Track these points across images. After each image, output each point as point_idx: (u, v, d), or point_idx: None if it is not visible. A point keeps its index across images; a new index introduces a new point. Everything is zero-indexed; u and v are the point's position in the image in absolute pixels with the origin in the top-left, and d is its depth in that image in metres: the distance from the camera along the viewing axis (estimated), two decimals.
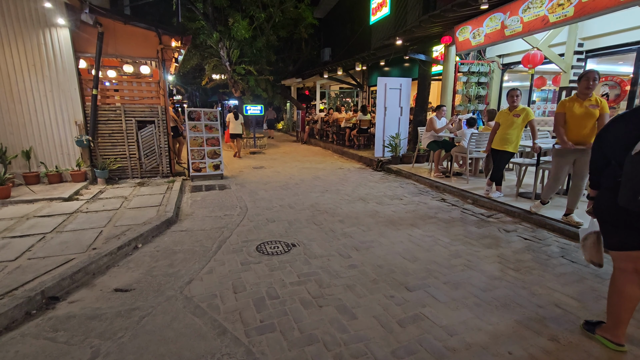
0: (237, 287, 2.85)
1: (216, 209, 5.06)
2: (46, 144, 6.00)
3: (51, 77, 5.82)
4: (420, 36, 8.13)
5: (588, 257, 2.36)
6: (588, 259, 2.36)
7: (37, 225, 4.01)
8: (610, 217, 2.04)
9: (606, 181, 2.05)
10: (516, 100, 4.88)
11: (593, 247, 2.30)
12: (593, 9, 4.40)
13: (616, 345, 2.09)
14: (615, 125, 2.01)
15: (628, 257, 2.03)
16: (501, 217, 4.64)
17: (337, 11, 18.53)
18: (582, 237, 2.39)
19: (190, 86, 26.57)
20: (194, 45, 13.66)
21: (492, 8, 5.92)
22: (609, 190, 2.02)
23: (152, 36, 6.49)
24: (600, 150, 2.08)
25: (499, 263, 3.28)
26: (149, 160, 6.83)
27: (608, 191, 2.02)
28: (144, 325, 2.35)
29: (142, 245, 3.69)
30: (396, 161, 8.29)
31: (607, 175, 2.05)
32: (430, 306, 2.57)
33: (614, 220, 2.02)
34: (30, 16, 5.56)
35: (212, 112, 7.09)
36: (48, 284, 2.65)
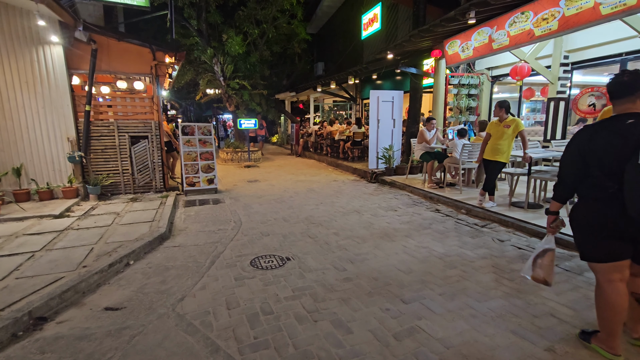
0: (231, 303, 2.80)
1: (210, 223, 5.01)
2: (37, 161, 5.94)
3: (43, 94, 5.82)
4: (410, 50, 8.31)
5: (542, 276, 2.27)
6: (541, 278, 2.28)
7: (26, 244, 3.93)
8: (600, 230, 2.00)
9: (592, 193, 2.02)
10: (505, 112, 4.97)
11: (550, 266, 2.25)
12: (576, 22, 4.55)
13: (613, 356, 2.07)
14: (611, 135, 1.93)
15: (616, 268, 2.01)
16: (495, 227, 4.66)
17: (330, 27, 18.92)
18: (537, 254, 2.31)
19: (185, 101, 26.70)
20: (188, 61, 13.78)
21: (480, 23, 6.09)
22: (597, 201, 1.99)
23: (146, 52, 6.54)
24: (578, 163, 2.04)
25: (493, 273, 3.28)
26: (142, 176, 6.79)
27: (597, 202, 1.99)
28: (134, 345, 2.29)
29: (134, 262, 3.63)
30: (390, 173, 8.33)
31: (591, 187, 2.02)
32: (426, 318, 2.55)
33: (604, 232, 1.98)
34: (24, 34, 5.59)
35: (206, 127, 7.10)
36: (36, 304, 2.59)
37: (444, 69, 7.97)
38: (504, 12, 5.59)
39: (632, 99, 1.94)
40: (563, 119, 6.80)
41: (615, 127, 1.93)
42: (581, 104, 6.98)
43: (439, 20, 6.05)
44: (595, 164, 1.98)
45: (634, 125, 1.87)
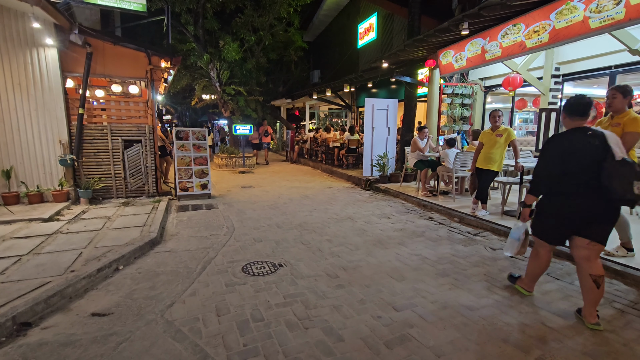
0: (221, 309, 2.77)
1: (202, 228, 4.97)
2: (28, 164, 5.87)
3: (36, 96, 5.77)
4: (405, 59, 8.41)
5: (521, 251, 3.05)
6: (517, 252, 3.05)
7: (13, 247, 3.85)
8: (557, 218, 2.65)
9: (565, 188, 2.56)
10: (498, 121, 5.03)
11: (525, 243, 3.03)
12: (566, 35, 4.65)
13: (528, 292, 3.00)
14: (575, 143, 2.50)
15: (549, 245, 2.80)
16: (487, 235, 4.68)
17: (326, 35, 19.12)
18: (518, 236, 3.03)
19: (181, 106, 26.65)
20: (184, 66, 13.79)
21: (473, 34, 6.19)
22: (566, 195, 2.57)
23: (142, 57, 6.54)
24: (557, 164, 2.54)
25: (485, 281, 3.28)
26: (134, 180, 6.73)
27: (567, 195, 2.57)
28: (120, 352, 2.24)
29: (123, 267, 3.58)
30: (384, 180, 8.36)
31: (566, 184, 2.55)
32: (417, 326, 2.53)
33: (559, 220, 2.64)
34: (18, 36, 5.56)
35: (201, 132, 7.08)
36: (20, 309, 2.53)
37: (438, 78, 8.08)
38: (497, 23, 5.70)
39: (585, 118, 2.57)
40: (554, 129, 6.90)
41: (582, 137, 2.50)
42: None
43: (433, 30, 6.15)
44: (576, 163, 2.48)
45: (592, 135, 2.47)
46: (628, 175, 2.31)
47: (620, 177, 2.32)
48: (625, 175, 2.31)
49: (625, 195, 2.32)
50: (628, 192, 2.30)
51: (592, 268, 2.54)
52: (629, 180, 2.30)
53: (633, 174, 2.30)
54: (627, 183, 2.30)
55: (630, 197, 2.31)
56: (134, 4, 7.19)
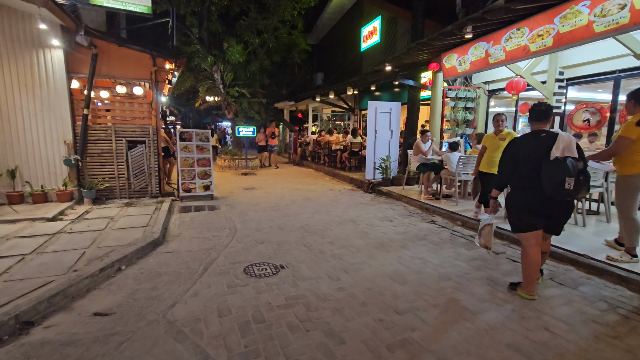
0: (222, 310, 2.77)
1: (204, 230, 4.98)
2: (33, 163, 5.91)
3: (42, 97, 5.82)
4: (409, 63, 8.42)
5: (483, 243, 3.24)
6: (483, 244, 3.24)
7: (17, 246, 3.88)
8: (524, 209, 2.90)
9: (521, 183, 2.90)
10: (501, 125, 5.02)
11: (489, 235, 3.20)
12: (570, 39, 4.64)
13: (531, 297, 2.98)
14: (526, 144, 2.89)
15: (532, 236, 2.91)
16: None
17: (330, 38, 19.19)
18: (480, 227, 3.25)
19: (184, 107, 26.78)
20: (188, 68, 13.89)
21: (477, 37, 6.19)
22: (524, 189, 2.88)
23: (146, 58, 6.59)
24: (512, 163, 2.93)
25: (488, 285, 3.26)
26: (138, 181, 6.76)
27: (524, 190, 2.89)
28: (122, 352, 2.24)
29: (125, 267, 3.59)
30: (387, 183, 8.35)
31: (521, 179, 2.90)
32: (419, 330, 2.52)
33: (526, 211, 2.89)
34: (25, 37, 5.62)
35: (204, 133, 7.11)
36: (23, 308, 2.54)
37: (442, 81, 8.07)
38: (500, 27, 5.70)
39: (545, 122, 2.93)
40: None
41: (535, 138, 2.86)
42: (576, 120, 7.06)
43: (437, 34, 6.15)
44: (524, 162, 2.85)
45: (545, 137, 2.79)
46: (558, 173, 2.60)
47: (548, 175, 2.65)
48: (554, 173, 2.62)
49: (554, 191, 2.64)
50: (558, 188, 2.60)
51: (544, 246, 3.05)
52: (559, 177, 2.59)
53: (563, 172, 2.58)
54: (557, 180, 2.60)
55: (560, 192, 2.61)
56: (140, 6, 7.27)
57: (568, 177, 2.57)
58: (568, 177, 2.57)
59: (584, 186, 2.63)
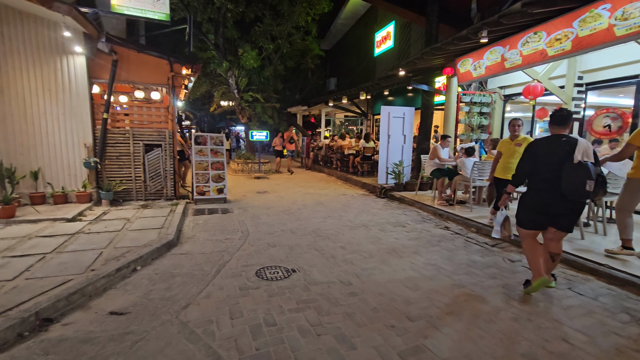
0: (234, 312, 2.79)
1: (217, 232, 5.04)
2: (54, 165, 6.11)
3: (64, 101, 6.03)
4: (422, 67, 8.37)
5: (507, 235, 3.57)
6: (507, 235, 3.59)
7: (38, 245, 4.01)
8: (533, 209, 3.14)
9: (536, 183, 3.10)
10: (518, 130, 4.94)
11: (509, 227, 3.55)
12: (590, 43, 4.54)
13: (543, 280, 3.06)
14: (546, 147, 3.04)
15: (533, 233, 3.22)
16: (506, 247, 4.56)
17: (343, 44, 19.28)
18: (502, 221, 3.54)
19: (199, 112, 27.24)
20: (204, 74, 14.16)
21: (492, 42, 6.12)
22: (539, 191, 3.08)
23: (164, 64, 6.76)
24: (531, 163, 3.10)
25: (503, 294, 3.19)
26: (153, 183, 6.91)
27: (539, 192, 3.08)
28: (136, 351, 2.28)
29: (141, 268, 3.66)
30: (399, 188, 8.28)
31: (538, 181, 3.08)
32: (432, 337, 2.48)
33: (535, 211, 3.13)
34: (50, 44, 5.85)
35: (218, 137, 7.22)
36: (43, 305, 2.62)
37: (456, 86, 7.99)
38: (517, 32, 5.62)
39: (565, 127, 3.04)
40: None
41: (555, 142, 3.00)
42: (596, 125, 6.87)
43: (451, 38, 6.11)
44: (543, 163, 3.03)
45: (566, 142, 2.95)
46: (580, 175, 2.77)
47: (571, 177, 2.82)
48: (577, 175, 2.78)
49: (574, 192, 2.82)
50: (579, 189, 2.78)
51: (553, 247, 3.17)
52: (581, 179, 2.76)
53: (585, 174, 2.76)
54: (578, 182, 2.78)
55: (580, 193, 2.79)
56: (159, 13, 7.47)
57: (589, 179, 2.74)
58: (589, 179, 2.74)
59: (601, 188, 2.83)
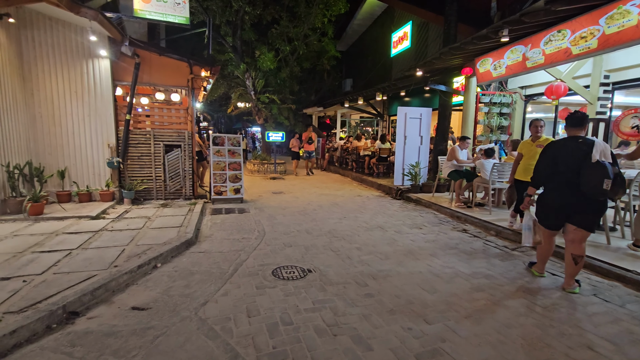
0: (251, 311, 2.82)
1: (234, 231, 5.11)
2: (80, 165, 6.35)
3: (90, 103, 6.27)
4: (440, 68, 8.26)
5: (539, 239, 3.49)
6: (539, 240, 3.50)
7: (65, 242, 4.17)
8: (550, 208, 3.32)
9: (556, 183, 3.23)
10: (540, 131, 4.80)
11: (540, 230, 3.49)
12: (617, 41, 4.37)
13: (540, 274, 3.59)
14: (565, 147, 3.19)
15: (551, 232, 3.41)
16: (527, 251, 4.44)
17: (359, 44, 19.22)
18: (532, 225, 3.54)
19: (217, 113, 27.71)
20: (221, 76, 14.41)
21: (513, 41, 5.98)
22: (559, 189, 3.22)
23: (184, 66, 6.92)
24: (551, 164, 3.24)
25: (524, 299, 3.11)
26: (173, 183, 7.07)
27: (555, 191, 3.25)
28: (157, 345, 2.35)
29: (161, 265, 3.75)
30: (416, 190, 8.19)
31: (557, 181, 3.22)
32: (450, 341, 2.45)
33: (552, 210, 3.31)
34: (77, 48, 6.09)
35: (235, 138, 7.33)
36: (70, 299, 2.73)
37: (475, 86, 7.84)
38: (539, 30, 5.47)
39: (580, 129, 3.24)
40: (603, 140, 6.47)
41: (573, 143, 3.16)
42: (623, 126, 6.62)
43: (471, 38, 6.00)
44: (562, 163, 3.17)
45: (582, 142, 3.11)
46: (598, 174, 2.89)
47: (589, 176, 2.94)
48: (595, 174, 2.91)
49: (592, 190, 2.94)
50: (596, 187, 2.90)
51: (574, 249, 3.20)
52: (599, 178, 2.88)
53: (602, 173, 2.88)
54: (596, 180, 2.90)
55: (598, 191, 2.91)
56: (179, 17, 7.65)
57: (606, 178, 2.87)
58: (606, 178, 2.87)
59: (620, 188, 2.95)
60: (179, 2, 7.43)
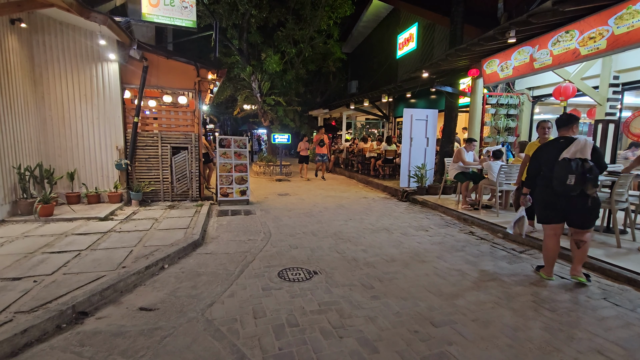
0: (258, 312, 2.83)
1: (241, 233, 5.13)
2: (89, 167, 6.44)
3: (99, 106, 6.36)
4: (446, 69, 8.22)
5: (518, 232, 3.87)
6: (518, 232, 3.88)
7: (74, 243, 4.23)
8: (543, 204, 3.51)
9: (541, 182, 3.48)
10: (547, 132, 4.75)
11: (522, 225, 3.85)
12: (627, 42, 4.32)
13: (548, 277, 3.56)
14: (547, 149, 3.46)
15: (551, 228, 3.50)
16: (535, 254, 4.39)
17: (365, 46, 19.22)
18: (516, 220, 3.84)
19: (223, 115, 27.90)
20: (228, 78, 14.51)
21: (520, 42, 5.94)
22: (544, 187, 3.43)
23: (191, 69, 6.99)
24: (537, 164, 3.53)
25: (533, 302, 3.08)
26: (180, 185, 7.13)
27: (544, 188, 3.45)
28: (164, 345, 2.37)
29: (168, 266, 3.79)
30: (422, 192, 8.15)
31: (542, 179, 3.46)
32: (457, 344, 2.43)
33: (545, 206, 3.49)
34: (86, 52, 6.19)
35: (242, 140, 7.38)
36: (79, 299, 2.76)
37: (481, 88, 7.79)
38: (547, 31, 5.43)
39: (567, 129, 3.44)
40: (612, 142, 6.37)
41: (554, 144, 3.43)
42: (634, 127, 6.52)
43: (477, 39, 5.97)
44: (544, 163, 3.42)
45: (563, 142, 3.33)
46: (563, 171, 3.13)
47: (555, 172, 3.20)
48: (558, 171, 3.17)
49: (558, 186, 3.18)
50: (561, 183, 3.14)
51: (577, 236, 3.40)
52: (563, 174, 3.12)
53: (566, 169, 3.11)
54: (560, 176, 3.14)
55: (564, 187, 3.14)
56: (186, 20, 7.72)
57: (570, 174, 3.08)
58: (570, 174, 3.08)
59: (588, 182, 3.09)
60: (186, 5, 7.50)
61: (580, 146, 3.19)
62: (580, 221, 3.32)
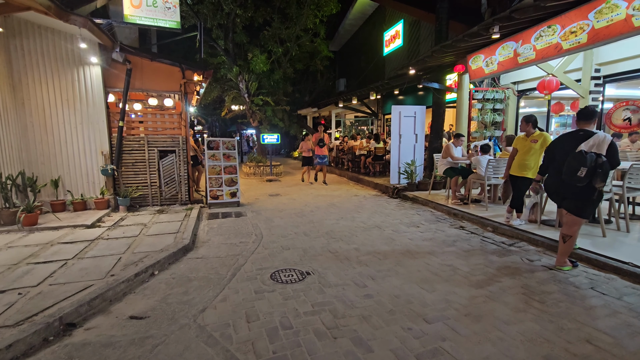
0: (251, 316, 2.81)
1: (232, 236, 5.09)
2: (74, 173, 6.29)
3: (82, 111, 6.21)
4: (433, 65, 8.29)
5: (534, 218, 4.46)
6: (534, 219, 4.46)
7: (60, 252, 4.13)
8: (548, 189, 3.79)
9: (553, 171, 3.65)
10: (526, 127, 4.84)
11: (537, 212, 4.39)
12: (607, 35, 4.41)
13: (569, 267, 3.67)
14: (566, 139, 3.58)
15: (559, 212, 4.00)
16: (524, 246, 4.46)
17: (352, 44, 19.26)
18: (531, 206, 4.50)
19: (211, 117, 27.64)
20: (215, 79, 14.34)
21: (504, 37, 6.02)
22: (553, 175, 3.63)
23: (176, 71, 6.88)
24: (551, 154, 3.75)
25: (523, 294, 3.12)
26: (168, 188, 7.03)
27: (553, 176, 3.65)
28: (156, 354, 2.33)
29: (158, 272, 3.73)
30: (412, 188, 8.21)
31: (554, 168, 3.63)
32: (450, 340, 2.45)
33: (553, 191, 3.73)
34: (67, 56, 6.03)
35: (230, 142, 7.31)
36: (66, 310, 2.69)
37: (468, 83, 7.88)
38: (530, 26, 5.51)
39: (588, 123, 3.52)
40: None
41: (572, 135, 3.55)
42: (615, 119, 6.68)
43: (462, 35, 6.03)
44: (559, 153, 3.58)
45: (583, 135, 3.43)
46: (576, 162, 3.24)
47: (568, 163, 3.30)
48: (574, 162, 3.26)
49: (568, 176, 3.30)
50: (572, 174, 3.26)
51: (565, 229, 3.56)
52: (576, 166, 3.23)
53: (580, 162, 3.21)
54: (572, 168, 3.25)
55: (573, 178, 3.25)
56: (169, 21, 7.60)
57: (582, 166, 3.18)
58: (582, 166, 3.18)
59: (597, 177, 3.18)
60: (170, 6, 7.38)
61: (598, 140, 3.30)
62: (573, 207, 3.46)
